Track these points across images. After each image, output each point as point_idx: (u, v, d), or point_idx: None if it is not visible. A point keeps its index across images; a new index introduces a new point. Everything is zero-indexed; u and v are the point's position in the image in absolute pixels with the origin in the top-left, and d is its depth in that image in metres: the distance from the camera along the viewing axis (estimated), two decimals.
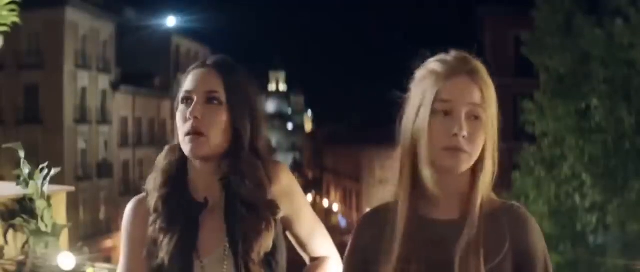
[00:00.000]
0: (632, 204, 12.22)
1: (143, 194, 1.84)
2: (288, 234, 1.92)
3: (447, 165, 1.56)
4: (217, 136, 1.73)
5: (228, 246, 1.76)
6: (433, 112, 1.56)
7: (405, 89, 1.66)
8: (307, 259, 2.00)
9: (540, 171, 13.26)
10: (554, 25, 13.48)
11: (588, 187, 12.61)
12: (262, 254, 1.75)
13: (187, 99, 1.75)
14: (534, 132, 13.61)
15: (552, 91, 13.34)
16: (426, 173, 1.59)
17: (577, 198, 12.75)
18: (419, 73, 1.63)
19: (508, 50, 22.99)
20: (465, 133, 1.54)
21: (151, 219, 1.77)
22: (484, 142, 1.58)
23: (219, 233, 1.77)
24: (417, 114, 1.59)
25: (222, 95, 1.75)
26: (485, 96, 1.58)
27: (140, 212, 1.81)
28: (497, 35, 24.60)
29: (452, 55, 1.61)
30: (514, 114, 15.07)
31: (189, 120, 1.72)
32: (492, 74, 1.64)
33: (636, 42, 12.16)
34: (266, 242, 1.75)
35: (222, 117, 1.74)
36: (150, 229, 1.77)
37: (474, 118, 1.56)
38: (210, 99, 1.74)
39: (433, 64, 1.61)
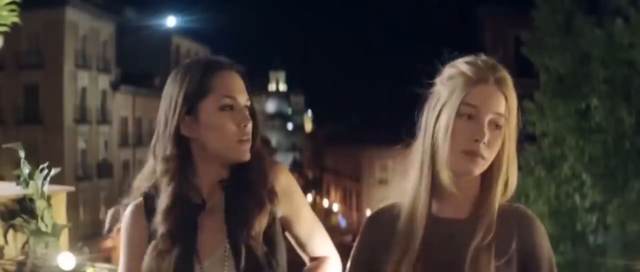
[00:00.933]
0: (632, 204, 12.22)
1: (140, 199, 1.85)
2: (287, 234, 1.92)
3: (464, 169, 1.59)
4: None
5: (228, 246, 1.76)
6: (458, 114, 1.58)
7: (425, 85, 1.67)
8: (306, 260, 2.00)
9: (540, 170, 13.25)
10: (554, 25, 13.48)
11: (588, 187, 12.61)
12: (261, 235, 1.76)
13: (231, 106, 1.77)
14: (534, 132, 13.60)
15: (552, 91, 13.34)
16: (444, 173, 1.60)
17: (577, 198, 12.74)
18: (448, 72, 1.64)
19: (508, 50, 23.00)
20: (486, 140, 1.57)
21: (156, 228, 1.77)
22: (500, 148, 1.61)
23: (218, 234, 1.77)
24: (440, 113, 1.61)
25: (249, 102, 1.82)
26: (510, 106, 1.62)
27: (140, 216, 1.83)
28: (497, 35, 24.60)
29: (482, 59, 1.63)
30: None
31: (245, 127, 1.77)
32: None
33: (636, 42, 12.15)
34: (261, 223, 1.76)
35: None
36: (151, 246, 1.77)
37: (496, 126, 1.60)
38: (246, 106, 1.80)
39: (463, 65, 1.62)
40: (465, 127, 1.58)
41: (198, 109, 1.76)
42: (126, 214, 1.86)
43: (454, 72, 1.63)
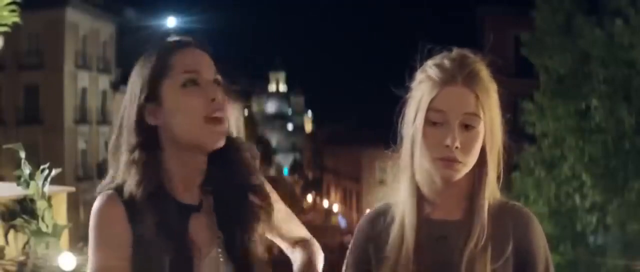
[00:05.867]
0: (632, 204, 12.23)
1: (112, 192, 1.59)
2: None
3: (441, 175, 1.56)
4: (228, 122, 1.61)
5: (220, 250, 1.62)
6: (426, 121, 1.55)
7: (406, 88, 1.65)
8: (285, 247, 1.89)
9: (540, 171, 13.26)
10: (553, 25, 13.49)
11: (588, 188, 12.62)
12: (262, 238, 1.66)
13: (194, 81, 1.58)
14: (534, 132, 13.61)
15: (552, 91, 13.35)
16: (421, 182, 1.60)
17: (577, 198, 12.75)
18: (418, 76, 1.62)
19: (508, 50, 22.99)
20: (458, 144, 1.53)
21: (139, 227, 1.55)
22: (480, 148, 1.57)
23: (206, 234, 1.62)
24: (413, 120, 1.59)
25: (219, 77, 1.63)
26: (483, 102, 1.55)
27: (119, 214, 1.57)
28: (497, 35, 24.58)
29: (450, 57, 1.59)
30: (514, 115, 15.09)
31: (213, 101, 1.56)
32: (492, 74, 1.61)
33: (636, 42, 12.16)
34: (258, 230, 1.65)
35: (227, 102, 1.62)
36: (138, 249, 1.55)
37: (469, 127, 1.55)
38: (216, 81, 1.62)
39: (431, 68, 1.59)
40: (435, 133, 1.54)
41: (159, 92, 1.59)
42: (100, 212, 1.59)
43: (422, 77, 1.59)
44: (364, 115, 53.15)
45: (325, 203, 56.97)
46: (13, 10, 3.54)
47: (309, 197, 63.79)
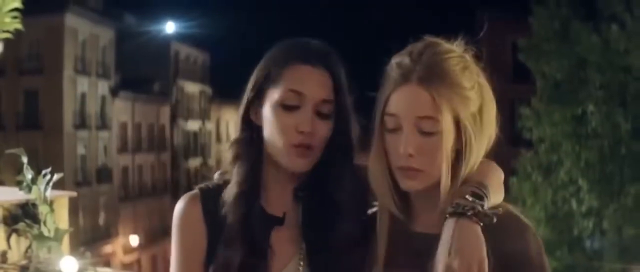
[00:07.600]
0: (628, 208, 12.28)
1: (195, 192, 1.57)
2: None
3: (403, 185, 1.39)
4: (321, 150, 1.51)
5: (305, 253, 1.53)
6: (384, 127, 1.39)
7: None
8: None
9: (537, 176, 13.30)
10: (550, 31, 13.55)
11: (584, 192, 12.66)
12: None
13: (296, 106, 1.48)
14: (531, 137, 13.66)
15: (548, 97, 13.40)
16: (390, 192, 1.43)
17: (574, 203, 12.80)
18: (384, 76, 1.43)
19: (506, 55, 23.00)
20: (411, 151, 1.34)
21: (216, 232, 1.52)
22: (446, 154, 1.36)
23: (290, 243, 1.54)
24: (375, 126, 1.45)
25: (332, 106, 1.51)
26: (441, 103, 1.33)
27: (195, 215, 1.54)
28: (496, 41, 24.59)
29: (412, 51, 1.39)
30: (511, 120, 15.15)
31: (301, 133, 1.46)
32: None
33: (632, 48, 12.23)
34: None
35: (329, 131, 1.51)
36: (218, 260, 1.51)
37: (424, 133, 1.34)
38: (320, 111, 1.49)
39: (392, 67, 1.41)
40: (392, 140, 1.37)
41: (264, 97, 1.51)
42: (179, 212, 1.56)
43: (385, 76, 1.42)
44: (363, 118, 53.02)
45: None
46: (15, 17, 3.57)
47: None
